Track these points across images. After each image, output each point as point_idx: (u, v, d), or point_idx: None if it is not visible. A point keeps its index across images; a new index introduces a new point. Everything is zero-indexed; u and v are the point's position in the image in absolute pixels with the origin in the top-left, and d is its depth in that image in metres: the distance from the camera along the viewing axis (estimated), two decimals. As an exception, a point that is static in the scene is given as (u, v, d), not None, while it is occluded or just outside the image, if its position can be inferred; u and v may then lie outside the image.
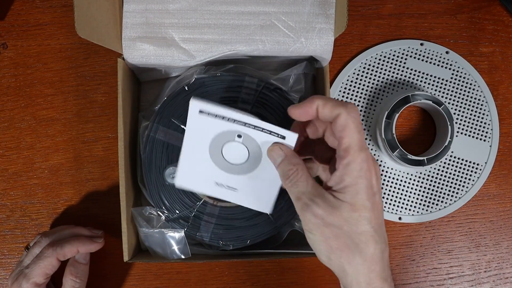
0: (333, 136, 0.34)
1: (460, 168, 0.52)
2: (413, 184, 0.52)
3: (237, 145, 0.37)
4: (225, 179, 0.39)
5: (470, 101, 0.53)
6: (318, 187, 0.32)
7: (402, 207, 0.52)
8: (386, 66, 0.53)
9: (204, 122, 0.36)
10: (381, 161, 0.52)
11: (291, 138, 0.35)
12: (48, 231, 0.47)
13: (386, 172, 0.52)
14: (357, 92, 0.53)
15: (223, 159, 0.38)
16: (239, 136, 0.36)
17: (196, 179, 0.40)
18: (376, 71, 0.53)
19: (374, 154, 0.52)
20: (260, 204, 0.40)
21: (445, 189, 0.52)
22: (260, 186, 0.39)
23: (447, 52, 0.53)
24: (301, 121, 0.35)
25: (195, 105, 0.35)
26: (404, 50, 0.53)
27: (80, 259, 0.46)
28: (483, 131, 0.53)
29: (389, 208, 0.52)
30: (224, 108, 0.35)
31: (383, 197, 0.52)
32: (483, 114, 0.53)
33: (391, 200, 0.52)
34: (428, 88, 0.53)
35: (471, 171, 0.53)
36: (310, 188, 0.32)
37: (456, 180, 0.52)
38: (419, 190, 0.52)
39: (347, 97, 0.53)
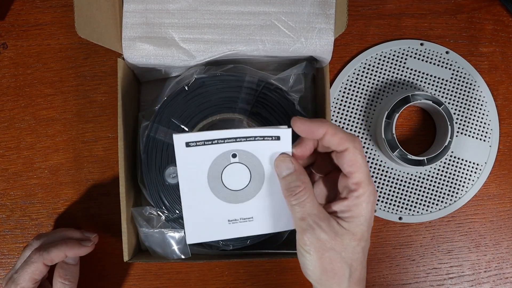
0: (336, 161, 0.35)
1: (460, 168, 0.52)
2: (413, 184, 0.52)
3: (235, 166, 0.34)
4: (237, 211, 0.36)
5: (470, 101, 0.53)
6: (323, 210, 0.33)
7: (402, 207, 0.52)
8: (386, 66, 0.53)
9: (194, 154, 0.33)
10: (381, 161, 0.52)
11: (285, 135, 0.34)
12: (42, 234, 0.47)
13: (386, 172, 0.52)
14: (357, 92, 0.53)
15: (227, 189, 0.35)
16: (234, 155, 0.34)
17: (207, 228, 0.36)
18: (376, 71, 0.53)
19: (374, 154, 0.52)
20: (282, 223, 0.37)
21: (445, 189, 0.52)
22: (274, 203, 0.36)
23: (447, 52, 0.53)
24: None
25: (179, 140, 0.33)
26: (404, 50, 0.53)
27: (69, 260, 0.45)
28: (483, 131, 0.53)
29: (389, 208, 0.52)
30: (209, 131, 0.33)
31: (384, 197, 0.52)
32: (483, 114, 0.53)
33: (391, 200, 0.52)
34: (428, 88, 0.53)
35: (471, 171, 0.53)
36: (316, 210, 0.32)
37: (456, 180, 0.52)
38: (419, 190, 0.52)
39: (347, 97, 0.53)
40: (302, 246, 0.33)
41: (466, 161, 0.53)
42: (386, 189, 0.52)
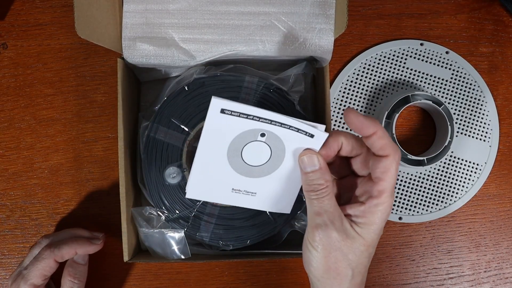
0: (363, 164, 0.35)
1: (460, 168, 0.52)
2: (413, 184, 0.52)
3: (259, 144, 0.34)
4: (243, 184, 0.36)
5: (470, 101, 0.53)
6: (339, 210, 0.33)
7: (402, 207, 0.52)
8: (386, 66, 0.53)
9: (225, 122, 0.32)
10: (381, 161, 0.52)
11: (320, 137, 0.33)
12: (51, 234, 0.47)
13: (386, 172, 0.52)
14: (357, 92, 0.53)
15: (243, 161, 0.35)
16: (263, 134, 0.33)
17: (209, 189, 0.36)
18: (376, 71, 0.53)
19: (374, 154, 0.52)
20: (280, 206, 0.38)
21: (445, 189, 0.52)
22: (281, 187, 0.37)
23: (447, 52, 0.53)
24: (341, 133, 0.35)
25: (216, 104, 0.31)
26: (404, 50, 0.53)
27: (78, 259, 0.46)
28: (483, 131, 0.53)
29: (389, 208, 0.52)
30: (248, 106, 0.32)
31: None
32: (483, 114, 0.53)
33: (391, 200, 0.52)
34: (428, 88, 0.53)
35: (471, 171, 0.53)
36: (332, 208, 0.33)
37: (456, 180, 0.52)
38: (419, 190, 0.52)
39: (347, 97, 0.53)
40: (311, 242, 0.33)
41: (466, 161, 0.53)
42: (386, 189, 0.52)
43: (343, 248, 0.32)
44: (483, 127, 0.53)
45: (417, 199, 0.52)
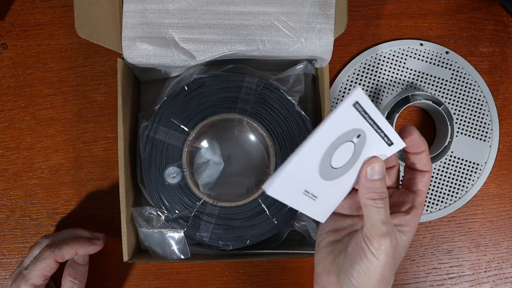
0: (395, 175, 0.36)
1: (460, 168, 0.52)
2: (413, 184, 0.52)
3: (350, 146, 0.31)
4: (316, 186, 0.32)
5: (470, 101, 0.53)
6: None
7: (402, 207, 0.52)
8: (386, 66, 0.53)
9: (347, 117, 0.29)
10: (381, 161, 0.52)
11: (397, 147, 0.32)
12: (51, 234, 0.47)
13: (386, 172, 0.52)
14: (357, 92, 0.53)
15: (329, 162, 0.31)
16: (359, 136, 0.31)
17: (289, 188, 0.31)
18: (376, 71, 0.53)
19: (374, 154, 0.52)
20: (320, 213, 0.35)
21: (445, 189, 0.52)
22: (332, 194, 0.34)
23: (447, 52, 0.53)
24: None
25: (357, 95, 0.27)
26: (404, 50, 0.53)
27: (79, 260, 0.46)
28: (483, 131, 0.53)
29: (389, 208, 0.52)
30: (376, 108, 0.29)
31: (383, 197, 0.52)
32: (483, 114, 0.53)
33: (391, 200, 0.52)
34: (428, 88, 0.53)
35: (471, 171, 0.53)
36: (389, 218, 0.33)
37: (456, 180, 0.52)
38: (419, 190, 0.52)
39: (347, 97, 0.53)
40: (373, 251, 0.32)
41: (466, 161, 0.53)
42: (386, 189, 0.52)
43: (395, 256, 0.33)
44: (483, 127, 0.53)
45: (417, 199, 0.52)
